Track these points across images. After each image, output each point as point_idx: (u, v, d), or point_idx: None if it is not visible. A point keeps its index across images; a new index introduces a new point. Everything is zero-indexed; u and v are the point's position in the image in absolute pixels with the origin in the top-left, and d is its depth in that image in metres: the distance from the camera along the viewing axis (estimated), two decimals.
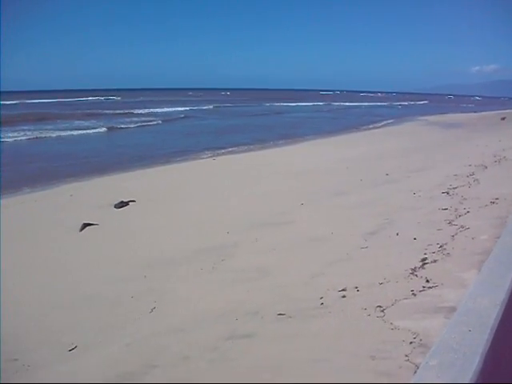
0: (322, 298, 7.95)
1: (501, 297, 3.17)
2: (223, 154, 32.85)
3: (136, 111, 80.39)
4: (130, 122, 59.26)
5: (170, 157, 30.99)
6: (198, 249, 12.38)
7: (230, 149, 35.43)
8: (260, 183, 21.08)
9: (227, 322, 8.04)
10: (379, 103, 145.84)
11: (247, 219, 14.72)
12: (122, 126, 55.15)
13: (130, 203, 17.94)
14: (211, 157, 31.00)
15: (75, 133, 47.93)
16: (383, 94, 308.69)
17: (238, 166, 27.11)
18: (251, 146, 36.74)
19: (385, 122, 66.10)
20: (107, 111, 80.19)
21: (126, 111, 79.90)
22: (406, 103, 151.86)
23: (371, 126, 58.82)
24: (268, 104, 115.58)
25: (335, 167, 23.96)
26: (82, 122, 59.90)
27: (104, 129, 51.76)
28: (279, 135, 44.27)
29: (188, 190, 20.25)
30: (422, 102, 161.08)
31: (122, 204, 17.68)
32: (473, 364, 2.40)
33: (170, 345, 7.71)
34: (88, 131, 49.68)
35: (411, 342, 5.82)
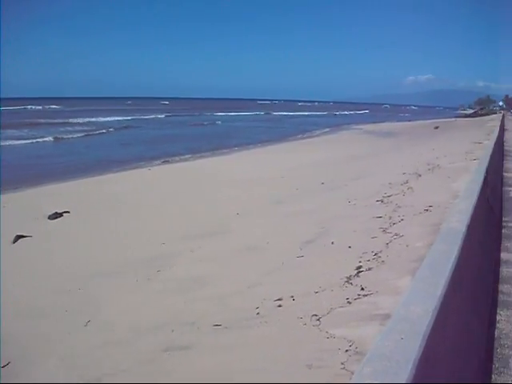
0: (258, 307, 7.93)
1: (433, 304, 3.19)
2: (160, 164, 32.71)
3: (76, 120, 79.73)
4: (72, 132, 58.66)
5: (106, 167, 30.67)
6: (134, 260, 12.25)
7: (167, 159, 35.28)
8: (196, 193, 21.02)
9: (164, 334, 7.96)
10: (317, 112, 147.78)
11: (183, 229, 14.65)
12: (64, 137, 54.57)
13: (65, 214, 17.67)
14: (147, 167, 30.72)
15: (11, 143, 46.97)
16: (320, 104, 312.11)
17: (173, 176, 27.01)
18: (188, 156, 36.78)
19: (321, 131, 66.98)
20: (46, 120, 79.08)
21: (66, 120, 78.97)
22: (346, 112, 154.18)
23: (307, 136, 59.43)
24: (207, 113, 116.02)
25: (271, 176, 24.03)
26: (16, 131, 58.78)
27: (48, 138, 51.03)
28: (217, 145, 44.44)
29: (123, 201, 20.02)
30: (362, 112, 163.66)
31: (56, 215, 17.41)
32: (405, 371, 2.41)
33: (106, 358, 7.60)
34: (25, 141, 48.70)
35: (347, 350, 5.83)
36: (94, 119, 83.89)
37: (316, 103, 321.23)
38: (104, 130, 65.23)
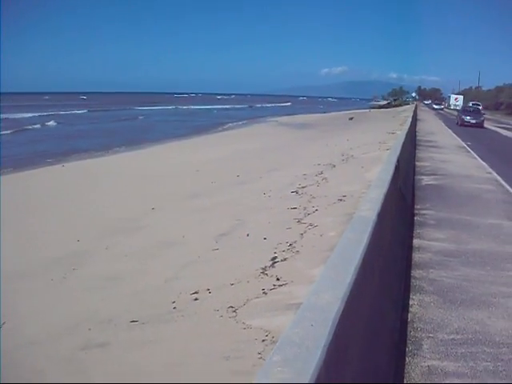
0: (174, 302, 7.89)
1: (343, 291, 3.24)
2: (73, 160, 31.93)
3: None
4: None
5: (17, 165, 29.70)
6: (48, 259, 11.94)
7: (81, 154, 34.52)
8: (110, 189, 20.68)
9: (81, 333, 7.82)
10: (235, 105, 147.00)
11: (98, 226, 14.39)
12: None
13: None
14: (61, 163, 29.97)
15: None
16: (239, 97, 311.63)
17: (87, 172, 26.43)
18: (101, 152, 36.03)
19: (237, 124, 66.89)
20: None
21: None
22: (268, 105, 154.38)
23: (223, 129, 59.32)
24: (124, 108, 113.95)
25: (187, 171, 23.86)
26: None
27: None
28: (130, 140, 43.57)
29: (35, 198, 19.53)
30: (283, 104, 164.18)
31: None
32: (315, 357, 2.44)
33: (24, 359, 7.42)
34: None
35: (263, 340, 5.89)
36: (7, 116, 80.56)
37: (233, 96, 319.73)
38: (19, 128, 62.90)
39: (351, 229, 4.67)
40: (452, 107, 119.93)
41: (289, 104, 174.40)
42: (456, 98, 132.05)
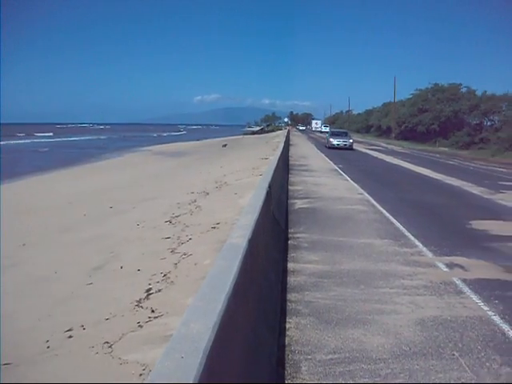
0: (48, 341, 7.62)
1: (213, 320, 3.19)
2: None
3: None
4: None
5: None
6: None
7: None
8: None
9: None
10: (108, 136, 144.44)
11: None
12: None
13: None
14: None
15: None
16: (112, 126, 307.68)
17: None
18: None
19: (110, 155, 65.85)
20: None
21: None
22: (154, 134, 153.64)
23: (94, 160, 58.19)
24: None
25: (58, 204, 23.17)
26: None
27: None
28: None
29: None
30: (169, 134, 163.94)
31: None
32: None
33: None
34: None
35: (141, 374, 5.78)
36: None
37: (108, 126, 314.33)
38: None
39: (222, 257, 4.65)
40: (313, 129, 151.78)
41: (185, 132, 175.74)
42: (316, 122, 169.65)
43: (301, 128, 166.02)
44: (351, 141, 55.58)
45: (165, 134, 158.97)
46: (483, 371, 5.85)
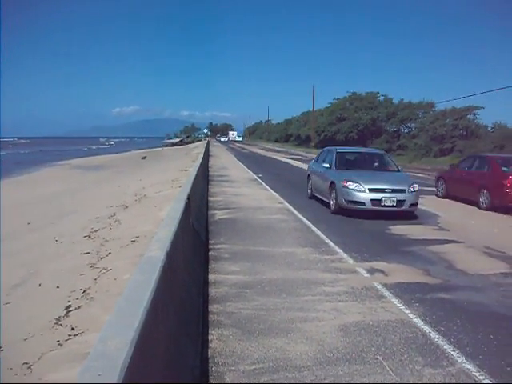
0: None
1: (131, 335, 3.12)
2: None
3: None
4: None
5: None
6: None
7: None
8: None
9: None
10: (26, 150, 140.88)
11: None
12: None
13: None
14: None
15: None
16: (30, 140, 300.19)
17: None
18: None
19: (25, 170, 64.36)
20: None
21: None
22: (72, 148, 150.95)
23: (7, 175, 56.73)
24: None
25: None
26: None
27: None
28: None
29: None
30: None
31: None
32: None
33: None
34: None
35: None
36: None
37: (28, 140, 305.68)
38: None
39: (139, 271, 4.56)
40: (231, 139, 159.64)
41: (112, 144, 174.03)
42: (232, 133, 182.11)
43: (222, 139, 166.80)
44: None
45: (94, 147, 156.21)
46: (406, 373, 5.93)
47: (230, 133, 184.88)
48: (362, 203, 16.73)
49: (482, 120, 62.27)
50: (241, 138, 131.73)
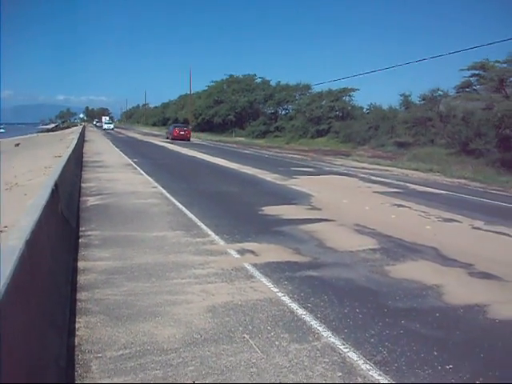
0: None
1: None
2: None
3: None
4: None
5: None
6: None
7: None
8: None
9: None
10: None
11: None
12: None
13: None
14: None
15: None
16: None
17: None
18: None
19: None
20: None
21: None
22: None
23: None
24: None
25: None
26: None
27: None
28: None
29: None
30: None
31: None
32: None
33: None
34: None
35: None
36: None
37: None
38: None
39: None
40: (103, 125, 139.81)
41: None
42: (106, 118, 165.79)
43: (99, 125, 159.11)
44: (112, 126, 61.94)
45: None
46: (273, 349, 6.10)
47: (104, 118, 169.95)
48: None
49: (358, 102, 64.42)
50: (112, 126, 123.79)
